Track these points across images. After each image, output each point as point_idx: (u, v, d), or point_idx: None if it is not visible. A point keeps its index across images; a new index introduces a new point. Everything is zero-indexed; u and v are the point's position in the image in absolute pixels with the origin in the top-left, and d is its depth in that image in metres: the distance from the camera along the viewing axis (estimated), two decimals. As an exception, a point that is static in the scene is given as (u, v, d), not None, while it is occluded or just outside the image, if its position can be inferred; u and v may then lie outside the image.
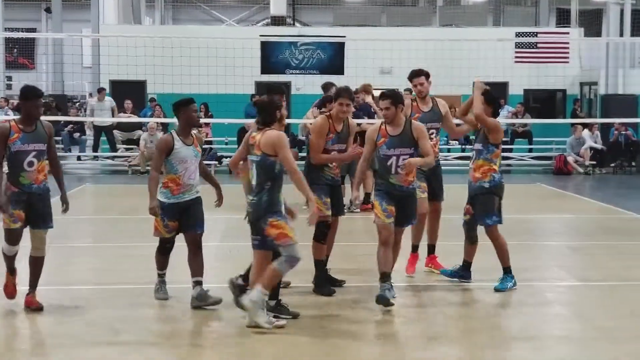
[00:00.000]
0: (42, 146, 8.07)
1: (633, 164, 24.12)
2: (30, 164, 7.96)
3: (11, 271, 8.25)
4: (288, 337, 7.26)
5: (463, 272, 9.21)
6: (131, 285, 9.44)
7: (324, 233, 8.67)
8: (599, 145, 24.17)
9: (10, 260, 8.22)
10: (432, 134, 9.31)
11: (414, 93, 9.84)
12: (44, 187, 8.10)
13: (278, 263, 7.42)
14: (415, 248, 9.66)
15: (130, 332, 7.45)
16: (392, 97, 8.35)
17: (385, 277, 8.01)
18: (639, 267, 10.65)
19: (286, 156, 7.40)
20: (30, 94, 8.05)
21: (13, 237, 8.01)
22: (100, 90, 24.67)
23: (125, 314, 8.09)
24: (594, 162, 24.02)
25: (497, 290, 8.71)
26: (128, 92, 25.52)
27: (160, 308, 8.29)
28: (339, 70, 25.83)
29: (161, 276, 8.78)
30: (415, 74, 9.72)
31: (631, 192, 19.55)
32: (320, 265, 8.79)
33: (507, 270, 8.79)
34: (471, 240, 9.15)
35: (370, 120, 15.19)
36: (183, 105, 8.34)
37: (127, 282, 9.59)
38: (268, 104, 7.68)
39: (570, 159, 23.92)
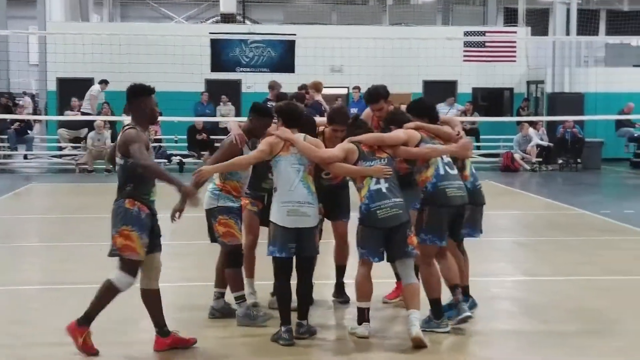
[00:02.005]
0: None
1: (579, 160, 24.45)
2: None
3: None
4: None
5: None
6: (80, 285, 9.34)
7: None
8: (545, 143, 24.48)
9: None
10: None
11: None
12: None
13: (414, 277, 7.15)
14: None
15: (79, 332, 7.38)
16: None
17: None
18: (585, 263, 10.81)
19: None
20: (146, 89, 6.93)
21: (137, 268, 6.86)
22: (103, 82, 24.30)
23: (74, 315, 7.99)
24: (541, 159, 24.32)
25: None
26: (75, 90, 25.26)
27: (112, 309, 8.19)
28: (290, 69, 25.85)
29: (243, 298, 7.64)
30: (372, 100, 8.07)
31: (577, 189, 19.84)
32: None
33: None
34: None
35: (321, 119, 15.21)
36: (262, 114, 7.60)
37: (76, 282, 9.48)
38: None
39: (517, 156, 24.20)
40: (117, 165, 6.81)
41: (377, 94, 7.99)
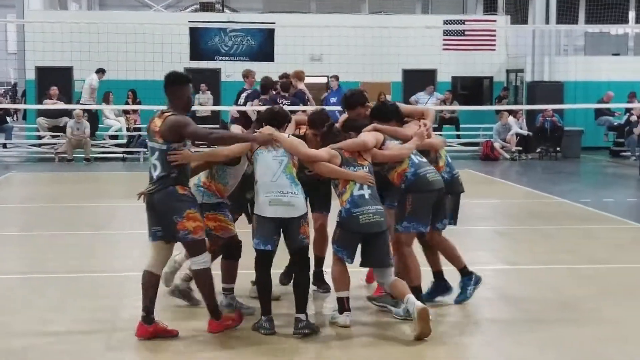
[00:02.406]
0: None
1: (558, 149, 24.56)
2: None
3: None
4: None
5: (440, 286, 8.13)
6: (60, 274, 9.32)
7: None
8: (524, 132, 24.56)
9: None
10: None
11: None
12: None
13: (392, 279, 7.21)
14: None
15: (59, 322, 7.36)
16: None
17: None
18: (564, 251, 10.87)
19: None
20: (183, 78, 7.01)
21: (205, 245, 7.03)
22: (100, 71, 24.02)
23: (54, 304, 7.99)
24: (520, 148, 24.41)
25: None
26: (54, 79, 25.13)
27: (91, 298, 8.18)
28: (269, 57, 25.80)
29: (232, 291, 7.70)
30: (349, 106, 8.01)
31: (556, 177, 19.93)
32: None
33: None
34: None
35: (305, 108, 15.20)
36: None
37: (56, 271, 9.46)
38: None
39: (496, 145, 24.28)
40: (156, 152, 6.84)
41: (354, 101, 7.98)
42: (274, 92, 15.36)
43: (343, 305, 7.24)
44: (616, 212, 13.95)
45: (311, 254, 8.27)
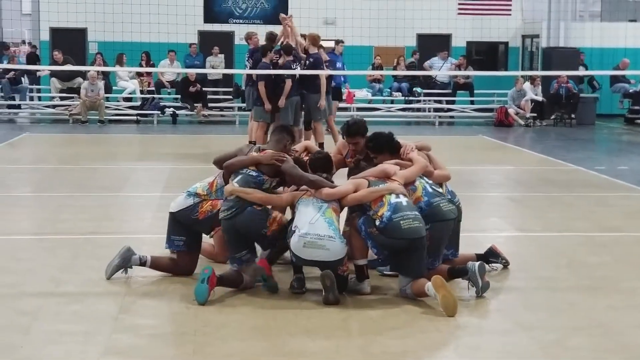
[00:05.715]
0: None
1: (573, 116, 24.42)
2: None
3: None
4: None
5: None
6: (73, 235, 9.34)
7: None
8: (539, 98, 24.40)
9: None
10: None
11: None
12: None
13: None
14: None
15: (71, 283, 7.38)
16: None
17: None
18: (577, 218, 10.82)
19: None
20: (292, 134, 7.80)
21: None
22: None
23: (66, 264, 8.02)
24: (535, 114, 24.27)
25: None
26: (68, 40, 25.11)
27: (104, 260, 8.17)
28: (283, 21, 25.61)
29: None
30: (350, 135, 8.02)
31: (570, 144, 19.83)
32: None
33: None
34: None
35: (322, 72, 15.06)
36: None
37: (68, 232, 9.48)
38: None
39: (511, 111, 24.14)
40: (240, 175, 7.23)
41: (355, 131, 7.96)
42: (277, 56, 15.13)
43: (362, 272, 7.23)
44: (631, 180, 13.86)
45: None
